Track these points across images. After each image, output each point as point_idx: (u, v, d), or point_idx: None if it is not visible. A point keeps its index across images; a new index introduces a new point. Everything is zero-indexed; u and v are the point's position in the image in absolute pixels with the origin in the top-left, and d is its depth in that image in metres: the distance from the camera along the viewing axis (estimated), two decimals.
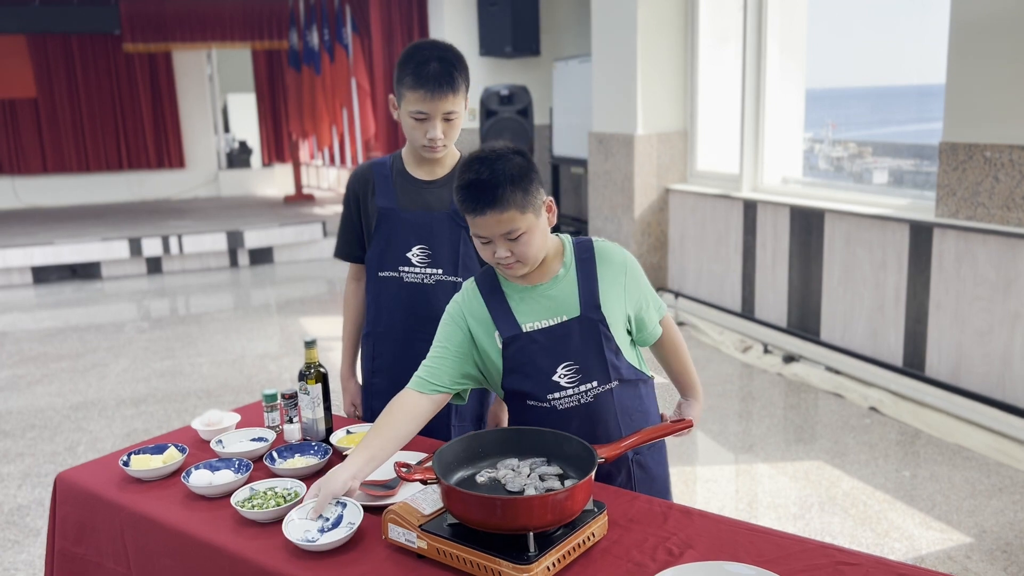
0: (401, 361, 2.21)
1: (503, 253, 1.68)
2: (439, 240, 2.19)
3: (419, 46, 2.13)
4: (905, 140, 12.20)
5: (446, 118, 2.12)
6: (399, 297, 2.23)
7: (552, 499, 1.41)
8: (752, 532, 1.59)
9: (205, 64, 12.73)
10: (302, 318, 6.52)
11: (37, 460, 3.91)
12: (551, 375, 1.75)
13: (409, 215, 2.20)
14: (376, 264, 2.25)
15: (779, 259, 5.16)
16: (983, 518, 3.11)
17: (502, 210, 1.64)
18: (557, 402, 1.76)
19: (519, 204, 1.65)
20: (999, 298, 3.78)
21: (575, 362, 1.75)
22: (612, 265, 1.78)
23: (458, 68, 2.10)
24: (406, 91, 2.09)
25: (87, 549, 1.88)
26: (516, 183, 1.64)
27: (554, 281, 1.77)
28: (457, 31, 8.61)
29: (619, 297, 1.78)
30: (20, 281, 8.02)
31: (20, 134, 11.53)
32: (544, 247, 1.74)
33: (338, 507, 1.65)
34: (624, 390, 1.80)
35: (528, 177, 1.67)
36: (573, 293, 1.75)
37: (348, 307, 2.40)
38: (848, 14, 37.08)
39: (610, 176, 6.44)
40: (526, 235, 1.67)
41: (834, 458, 3.66)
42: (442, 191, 2.21)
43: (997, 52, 3.72)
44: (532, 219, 1.68)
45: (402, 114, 2.14)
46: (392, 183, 2.23)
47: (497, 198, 1.63)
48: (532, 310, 1.76)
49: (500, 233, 1.66)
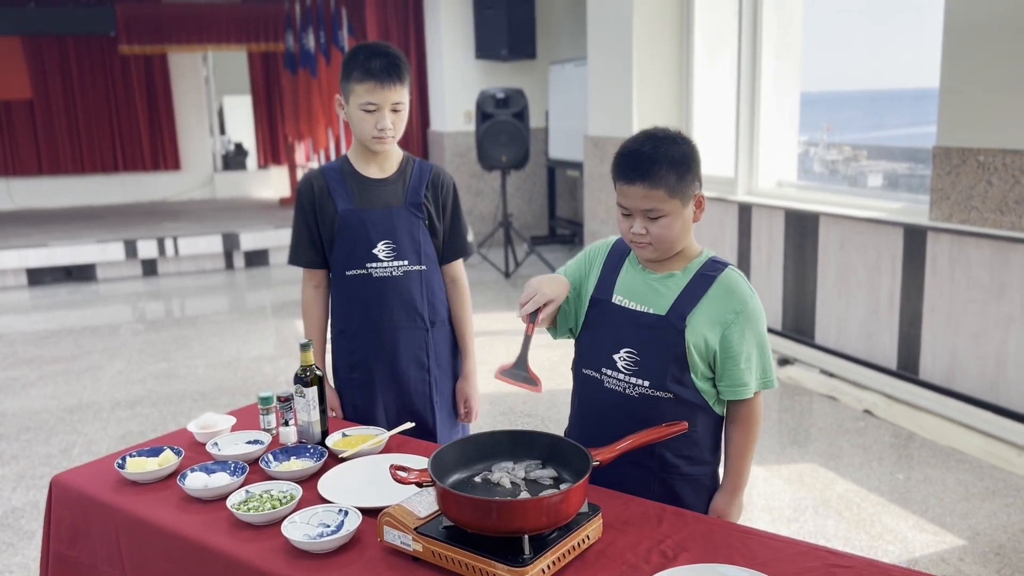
0: (379, 351, 2.37)
1: (639, 229, 1.72)
2: (401, 233, 2.33)
3: (363, 45, 2.29)
4: (899, 144, 12.24)
5: (394, 108, 2.25)
6: (370, 292, 2.34)
7: (547, 502, 1.42)
8: (745, 535, 1.60)
9: (201, 66, 12.72)
10: (297, 321, 6.51)
11: (32, 462, 3.90)
12: (612, 352, 1.78)
13: (371, 213, 2.32)
14: (342, 264, 2.34)
15: (774, 262, 5.17)
16: (976, 521, 3.12)
17: (652, 187, 1.67)
18: (607, 379, 1.80)
19: (670, 186, 1.68)
20: (992, 301, 3.79)
21: (637, 353, 1.76)
22: (727, 297, 1.73)
23: (402, 62, 2.25)
24: (355, 84, 2.23)
25: (81, 552, 1.88)
26: (673, 166, 1.68)
27: (667, 276, 1.78)
28: (453, 34, 8.63)
29: (712, 326, 1.72)
30: (15, 283, 8.01)
31: (15, 135, 11.50)
32: (682, 240, 1.75)
33: (340, 514, 1.66)
34: (675, 406, 1.75)
35: (687, 165, 1.70)
36: (672, 296, 1.75)
37: (311, 313, 2.45)
38: (843, 18, 37.17)
39: (605, 179, 6.45)
40: (667, 219, 1.70)
41: (828, 461, 3.67)
42: (396, 186, 2.36)
43: (990, 56, 3.74)
44: (678, 206, 1.70)
45: (351, 110, 2.27)
46: (347, 185, 2.33)
47: (651, 174, 1.67)
48: (631, 289, 1.80)
49: (642, 209, 1.70)
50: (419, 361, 2.40)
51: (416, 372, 2.40)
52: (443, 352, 2.45)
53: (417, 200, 2.35)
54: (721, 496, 1.84)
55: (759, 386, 1.77)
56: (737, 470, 1.83)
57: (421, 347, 2.39)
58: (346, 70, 2.24)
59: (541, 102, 8.58)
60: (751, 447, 1.82)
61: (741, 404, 1.79)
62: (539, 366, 1.76)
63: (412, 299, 2.36)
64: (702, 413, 1.78)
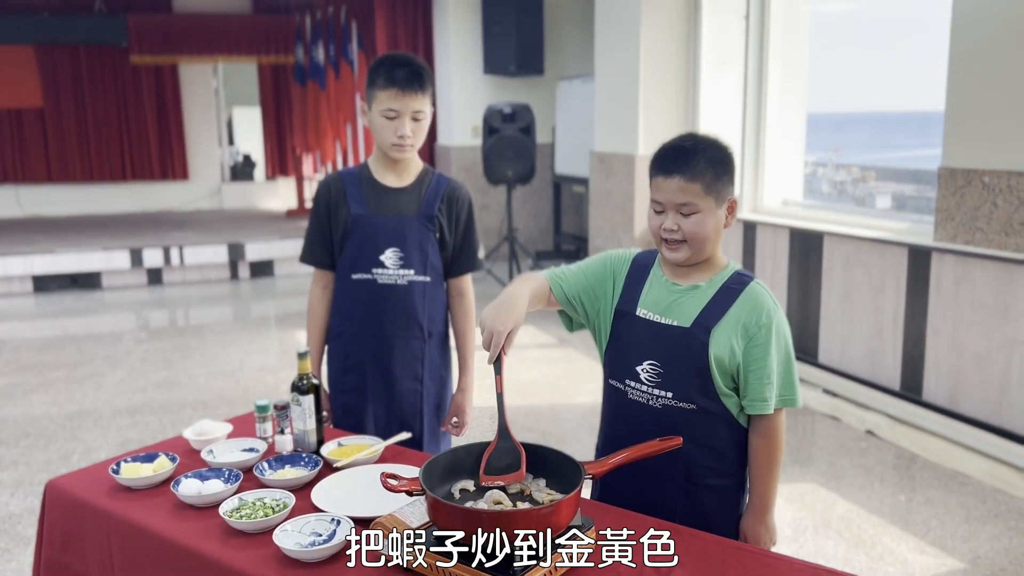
0: (374, 357, 2.38)
1: (671, 225, 1.72)
2: (411, 243, 2.35)
3: (390, 54, 2.33)
4: (907, 165, 12.24)
5: (415, 117, 2.29)
6: (373, 298, 2.35)
7: (538, 513, 1.41)
8: (739, 550, 1.59)
9: (211, 77, 12.79)
10: (301, 331, 6.51)
11: (30, 468, 3.90)
12: (635, 364, 1.77)
13: (382, 219, 2.34)
14: (349, 267, 2.37)
15: (778, 281, 5.16)
16: (978, 544, 3.09)
17: (689, 180, 1.69)
18: (631, 390, 1.79)
19: (706, 183, 1.69)
20: (997, 323, 3.78)
21: (660, 365, 1.75)
22: (753, 311, 1.71)
23: (425, 72, 2.29)
24: (378, 91, 2.27)
25: (73, 557, 1.88)
26: (712, 164, 1.70)
27: (692, 288, 1.77)
28: (462, 49, 8.67)
29: (737, 340, 1.71)
30: (20, 289, 8.03)
31: (25, 143, 11.56)
32: (712, 242, 1.75)
33: (332, 523, 1.65)
34: (699, 417, 1.74)
35: (724, 166, 1.73)
36: (697, 308, 1.74)
37: (315, 314, 2.47)
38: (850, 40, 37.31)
39: (610, 195, 6.46)
40: (700, 216, 1.71)
41: (829, 481, 3.65)
42: (411, 196, 2.37)
43: (995, 79, 3.74)
44: (712, 204, 1.71)
45: (373, 115, 2.31)
46: (362, 190, 2.36)
47: (690, 167, 1.69)
48: (656, 301, 1.79)
49: (677, 203, 1.71)
50: (413, 371, 2.41)
51: (409, 382, 2.41)
52: (436, 363, 2.46)
53: (430, 212, 2.37)
54: (748, 519, 1.82)
55: (779, 403, 1.74)
56: (761, 491, 1.80)
57: (417, 357, 2.40)
58: (371, 77, 2.29)
59: (548, 118, 8.61)
60: (774, 467, 1.78)
61: (762, 420, 1.76)
62: (541, 381, 1.75)
63: (413, 309, 2.37)
64: (726, 425, 1.76)
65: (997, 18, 3.72)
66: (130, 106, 11.90)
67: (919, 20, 23.36)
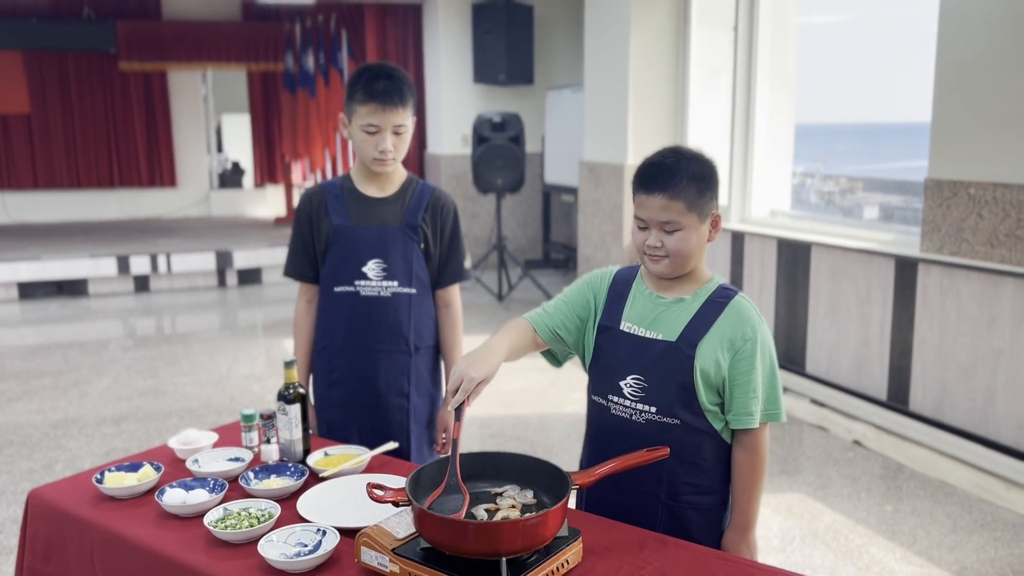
0: (359, 372, 2.35)
1: (654, 242, 1.72)
2: (394, 254, 2.31)
3: (369, 66, 2.27)
4: (894, 176, 12.33)
5: (396, 131, 2.24)
6: (357, 311, 2.32)
7: (524, 524, 1.40)
8: (726, 561, 1.58)
9: (200, 84, 12.76)
10: (288, 340, 6.48)
11: (13, 478, 3.86)
12: (619, 379, 1.76)
13: (364, 231, 2.31)
14: (331, 280, 2.34)
15: (766, 291, 5.17)
16: (964, 554, 3.10)
17: (671, 198, 1.68)
18: (613, 405, 1.78)
19: (689, 200, 1.69)
20: (982, 334, 3.80)
21: (644, 379, 1.74)
22: (738, 325, 1.71)
23: (406, 84, 2.24)
24: (357, 106, 2.22)
25: (56, 568, 1.86)
26: (694, 180, 1.70)
27: (677, 302, 1.76)
28: (452, 58, 8.68)
29: (722, 353, 1.70)
30: (5, 296, 7.97)
31: (12, 149, 11.49)
32: (695, 257, 1.74)
33: (318, 534, 1.64)
34: (683, 433, 1.72)
35: (707, 181, 1.72)
36: (682, 321, 1.73)
37: (300, 329, 2.44)
38: (838, 52, 37.59)
39: (599, 204, 6.47)
40: (683, 233, 1.70)
41: (817, 491, 3.65)
42: (394, 206, 2.34)
43: (981, 91, 3.77)
44: (695, 221, 1.70)
45: (353, 130, 2.27)
46: (343, 202, 2.33)
47: (672, 184, 1.68)
48: (640, 315, 1.78)
49: (660, 220, 1.70)
50: (399, 387, 2.37)
51: (395, 398, 2.37)
52: (424, 379, 2.42)
53: (414, 222, 2.33)
54: (730, 535, 1.79)
55: (764, 417, 1.72)
56: (743, 507, 1.77)
57: (403, 372, 2.37)
58: (350, 90, 2.23)
59: (538, 127, 8.63)
60: (757, 482, 1.76)
61: (746, 434, 1.74)
62: (531, 391, 1.75)
63: (399, 322, 2.33)
64: (711, 440, 1.74)
65: (983, 31, 3.76)
66: (118, 112, 11.85)
67: (906, 33, 23.53)
